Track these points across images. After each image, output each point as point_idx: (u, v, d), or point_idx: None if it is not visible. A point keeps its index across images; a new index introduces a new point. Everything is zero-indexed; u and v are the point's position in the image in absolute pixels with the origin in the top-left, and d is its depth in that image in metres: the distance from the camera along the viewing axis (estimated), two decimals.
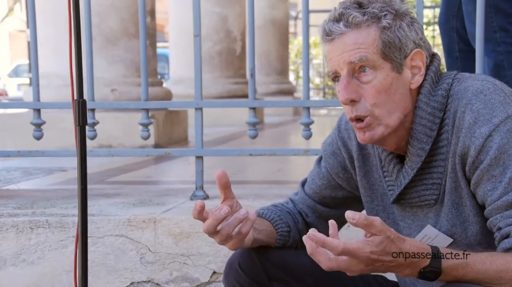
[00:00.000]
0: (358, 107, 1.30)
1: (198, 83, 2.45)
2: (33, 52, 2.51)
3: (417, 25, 1.32)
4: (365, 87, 1.29)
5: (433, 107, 1.31)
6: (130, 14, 4.85)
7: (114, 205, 2.31)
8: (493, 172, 1.22)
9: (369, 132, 1.31)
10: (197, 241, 2.10)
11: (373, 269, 1.18)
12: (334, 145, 1.51)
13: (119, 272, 2.12)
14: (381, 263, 1.16)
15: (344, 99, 1.30)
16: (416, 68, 1.31)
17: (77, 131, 1.41)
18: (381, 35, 1.28)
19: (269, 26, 10.32)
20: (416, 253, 1.17)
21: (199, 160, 2.47)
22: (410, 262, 1.17)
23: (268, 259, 1.44)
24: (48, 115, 2.84)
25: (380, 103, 1.29)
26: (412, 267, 1.18)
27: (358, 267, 1.16)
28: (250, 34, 2.42)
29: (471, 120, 1.24)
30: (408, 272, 1.19)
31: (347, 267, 1.16)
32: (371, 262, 1.16)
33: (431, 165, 1.32)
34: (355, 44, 1.28)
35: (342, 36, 1.29)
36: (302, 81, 2.51)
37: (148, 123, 2.55)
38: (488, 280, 1.18)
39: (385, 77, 1.29)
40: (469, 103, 1.26)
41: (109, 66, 4.79)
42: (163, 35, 20.14)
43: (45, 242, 2.13)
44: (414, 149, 1.32)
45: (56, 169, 3.86)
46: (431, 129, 1.31)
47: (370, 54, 1.28)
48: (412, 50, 1.30)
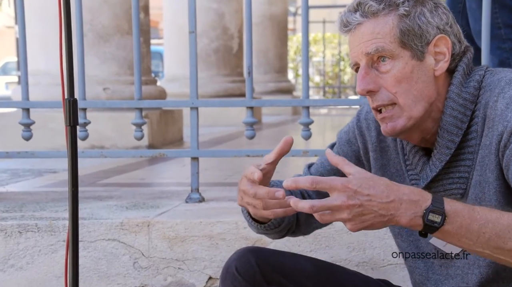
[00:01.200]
0: (380, 97, 1.31)
1: (193, 82, 2.45)
2: (21, 49, 2.50)
3: (441, 10, 1.32)
4: (384, 77, 1.30)
5: (465, 99, 1.31)
6: (123, 10, 4.85)
7: (106, 208, 2.31)
8: None
9: (391, 123, 1.32)
10: (193, 245, 2.10)
11: (363, 210, 1.12)
12: (350, 133, 1.52)
13: (111, 277, 2.12)
14: (368, 198, 1.12)
15: (360, 90, 1.32)
16: (441, 55, 1.32)
17: (68, 131, 1.41)
18: (399, 24, 1.29)
19: (267, 23, 10.33)
20: (413, 192, 1.14)
21: (194, 161, 2.46)
22: (408, 200, 1.14)
23: (266, 263, 1.44)
24: (37, 115, 2.83)
25: (402, 92, 1.30)
26: (412, 209, 1.13)
27: (341, 201, 1.12)
28: (248, 31, 2.42)
29: (503, 107, 1.25)
30: (408, 216, 1.13)
31: (330, 204, 1.12)
32: (352, 194, 1.12)
33: (459, 157, 1.33)
34: (371, 34, 1.29)
35: (360, 26, 1.31)
36: (301, 79, 2.50)
37: (141, 123, 2.55)
38: (499, 230, 1.13)
39: (404, 65, 1.29)
40: (502, 92, 1.26)
41: (101, 64, 4.79)
42: (157, 32, 20.14)
43: (34, 247, 2.13)
44: (444, 140, 1.32)
45: (46, 171, 3.86)
46: (462, 121, 1.31)
47: (387, 44, 1.29)
48: (435, 36, 1.30)
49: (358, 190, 1.13)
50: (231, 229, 2.08)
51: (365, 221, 1.14)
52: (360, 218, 1.14)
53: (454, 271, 1.39)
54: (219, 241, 2.08)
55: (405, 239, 1.47)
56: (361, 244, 2.02)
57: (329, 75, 18.16)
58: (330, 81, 18.07)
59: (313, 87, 17.08)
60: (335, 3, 14.81)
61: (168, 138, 5.22)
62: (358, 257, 2.02)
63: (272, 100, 2.90)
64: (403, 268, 1.55)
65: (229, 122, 7.02)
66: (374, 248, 2.01)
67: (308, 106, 2.47)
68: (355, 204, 1.13)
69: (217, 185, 3.25)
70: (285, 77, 11.20)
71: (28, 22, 2.74)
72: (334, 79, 17.99)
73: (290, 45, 16.41)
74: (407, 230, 1.45)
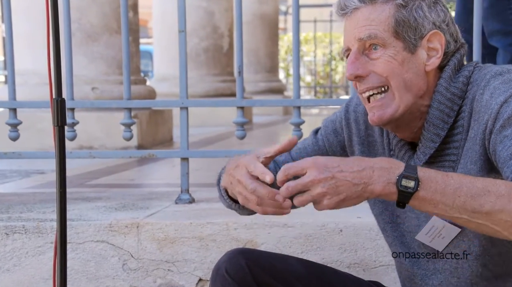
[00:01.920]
0: (368, 80, 1.32)
1: (183, 82, 2.45)
2: (8, 48, 2.49)
3: (440, 7, 1.33)
4: (375, 63, 1.31)
5: (453, 93, 1.32)
6: (111, 8, 4.84)
7: (95, 209, 2.30)
8: (505, 133, 1.21)
9: (379, 112, 1.32)
10: (182, 247, 2.10)
11: (336, 181, 1.12)
12: (337, 123, 1.52)
13: (100, 279, 2.11)
14: (339, 169, 1.12)
15: (349, 75, 1.32)
16: (433, 50, 1.32)
17: (56, 132, 1.41)
18: (395, 13, 1.30)
19: (258, 22, 10.34)
20: (385, 160, 1.14)
21: (184, 161, 2.46)
22: (380, 167, 1.13)
23: (256, 264, 1.44)
24: (24, 115, 2.82)
25: (393, 76, 1.30)
26: (385, 176, 1.12)
27: (313, 176, 1.12)
28: (238, 30, 2.42)
29: (488, 97, 1.26)
30: (381, 182, 1.12)
31: (303, 182, 1.13)
32: (322, 168, 1.12)
33: (444, 152, 1.33)
34: (366, 20, 1.30)
35: (356, 11, 1.31)
36: (292, 79, 2.51)
37: (130, 123, 2.54)
38: (474, 193, 1.12)
39: (396, 54, 1.30)
40: (487, 85, 1.27)
41: (89, 63, 4.78)
42: (147, 31, 20.09)
43: (21, 249, 2.12)
44: (429, 133, 1.33)
45: (34, 172, 3.84)
46: (449, 116, 1.32)
47: (381, 32, 1.30)
48: (430, 31, 1.31)
49: (327, 164, 1.13)
50: (222, 231, 2.08)
51: (340, 193, 1.13)
52: (334, 190, 1.13)
53: (441, 266, 1.39)
54: (209, 242, 2.08)
55: (389, 235, 1.48)
56: (353, 245, 2.03)
57: (320, 75, 18.20)
58: (321, 81, 18.10)
59: (304, 87, 17.10)
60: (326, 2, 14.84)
61: (158, 139, 5.21)
62: (350, 258, 2.03)
63: (262, 100, 2.91)
64: (395, 269, 1.55)
65: (220, 123, 7.03)
66: (366, 249, 2.02)
67: (299, 106, 2.47)
68: (327, 177, 1.12)
69: (207, 186, 3.24)
70: (276, 77, 11.22)
71: (14, 21, 2.73)
72: (325, 79, 18.02)
73: (281, 44, 16.42)
74: (391, 225, 1.46)
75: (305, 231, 2.04)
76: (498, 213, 1.11)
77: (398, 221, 1.45)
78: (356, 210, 1.76)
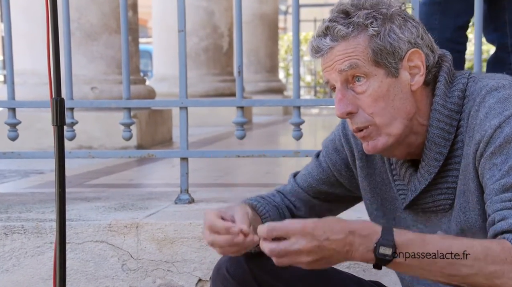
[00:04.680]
0: (357, 119, 1.32)
1: (183, 81, 2.45)
2: (7, 48, 2.49)
3: (411, 24, 1.32)
4: (361, 97, 1.30)
5: (450, 110, 1.32)
6: (111, 8, 4.85)
7: (94, 209, 2.30)
8: (495, 160, 1.22)
9: (372, 141, 1.32)
10: (182, 247, 2.10)
11: (321, 251, 1.12)
12: (337, 141, 1.52)
13: (99, 280, 2.11)
14: (325, 236, 1.11)
15: (339, 113, 1.32)
16: (415, 68, 1.32)
17: (55, 131, 1.41)
18: (370, 44, 1.29)
19: (257, 22, 10.34)
20: (364, 226, 1.14)
21: (184, 161, 2.46)
22: (360, 235, 1.13)
23: (257, 264, 1.44)
24: (24, 115, 2.82)
25: (378, 112, 1.30)
26: (364, 244, 1.13)
27: (300, 245, 1.11)
28: (238, 30, 2.42)
29: (482, 116, 1.26)
30: (361, 251, 1.13)
31: (289, 249, 1.12)
32: (310, 236, 1.11)
33: (446, 168, 1.33)
34: (344, 53, 1.30)
35: (331, 50, 1.31)
36: (292, 79, 2.51)
37: (130, 123, 2.54)
38: (452, 259, 1.12)
39: (380, 84, 1.30)
40: (483, 101, 1.27)
41: (89, 63, 4.78)
42: (146, 31, 20.09)
43: (20, 249, 2.12)
44: (432, 152, 1.32)
45: (33, 172, 3.84)
46: (449, 133, 1.32)
47: (361, 61, 1.29)
48: (408, 51, 1.31)
49: (315, 233, 1.12)
50: None
51: (322, 260, 1.14)
52: (318, 263, 1.14)
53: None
54: None
55: None
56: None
57: (320, 74, 18.20)
58: (321, 80, 18.08)
59: (304, 87, 17.10)
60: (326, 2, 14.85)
61: (157, 139, 5.21)
62: None
63: (262, 100, 2.91)
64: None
65: (219, 122, 7.03)
66: None
67: (299, 106, 2.47)
68: (314, 246, 1.12)
69: (207, 186, 3.25)
70: (276, 76, 11.22)
71: (14, 21, 2.73)
72: None
73: (281, 44, 16.42)
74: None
75: None
76: (474, 276, 1.12)
77: None
78: (357, 210, 1.76)
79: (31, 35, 4.65)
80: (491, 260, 1.12)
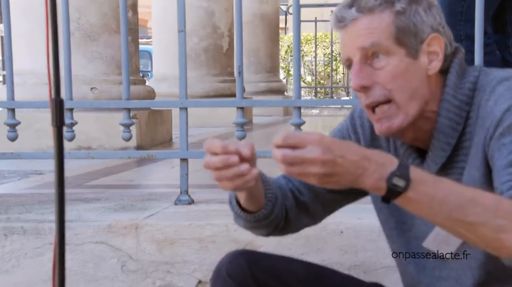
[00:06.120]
0: (374, 93, 1.31)
1: (183, 82, 2.45)
2: (7, 48, 2.49)
3: (435, 10, 1.33)
4: (379, 73, 1.30)
5: (460, 101, 1.32)
6: (111, 8, 4.84)
7: (94, 210, 2.30)
8: (504, 141, 1.22)
9: (387, 122, 1.32)
10: (182, 248, 2.10)
11: (334, 166, 1.09)
12: (344, 131, 1.51)
13: (98, 281, 2.11)
14: (341, 153, 1.09)
15: (355, 86, 1.31)
16: (434, 54, 1.32)
17: (54, 132, 1.41)
18: (395, 20, 1.29)
19: (258, 22, 10.33)
20: (381, 155, 1.13)
21: (183, 162, 2.46)
22: (376, 161, 1.11)
23: (257, 266, 1.44)
24: (23, 115, 2.82)
25: (398, 89, 1.30)
26: (379, 171, 1.11)
27: (316, 153, 1.08)
28: (238, 30, 2.42)
29: (493, 103, 1.26)
30: (374, 177, 1.11)
31: (304, 156, 1.09)
32: (327, 148, 1.08)
33: (454, 159, 1.33)
34: (367, 29, 1.29)
35: (355, 22, 1.30)
36: (293, 79, 2.51)
37: (129, 124, 2.54)
38: (462, 202, 1.12)
39: (399, 62, 1.30)
40: (493, 91, 1.28)
41: (88, 63, 4.77)
42: (146, 31, 20.09)
43: (20, 250, 2.12)
44: (440, 143, 1.33)
45: (32, 172, 3.84)
46: (458, 123, 1.32)
47: (383, 40, 1.29)
48: (429, 35, 1.31)
49: (332, 146, 1.10)
50: (221, 232, 2.08)
51: (333, 177, 1.11)
52: (329, 174, 1.10)
53: (447, 273, 1.39)
54: (209, 244, 2.08)
55: (395, 241, 1.48)
56: (353, 247, 2.03)
57: (321, 75, 18.18)
58: (322, 81, 18.09)
59: (305, 87, 17.09)
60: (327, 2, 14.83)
61: (157, 139, 5.21)
62: (350, 260, 2.03)
63: (263, 100, 2.91)
64: (396, 271, 1.55)
65: (219, 123, 7.02)
66: (367, 251, 2.02)
67: (300, 107, 2.47)
68: (329, 159, 1.09)
69: (206, 187, 3.24)
70: (277, 77, 11.21)
71: (13, 21, 2.73)
72: (326, 79, 18.00)
73: (282, 44, 16.41)
74: (397, 232, 1.46)
75: (305, 232, 2.03)
76: (481, 226, 1.11)
77: (404, 228, 1.44)
78: (357, 211, 1.77)
79: (31, 35, 4.65)
80: (501, 214, 1.11)
